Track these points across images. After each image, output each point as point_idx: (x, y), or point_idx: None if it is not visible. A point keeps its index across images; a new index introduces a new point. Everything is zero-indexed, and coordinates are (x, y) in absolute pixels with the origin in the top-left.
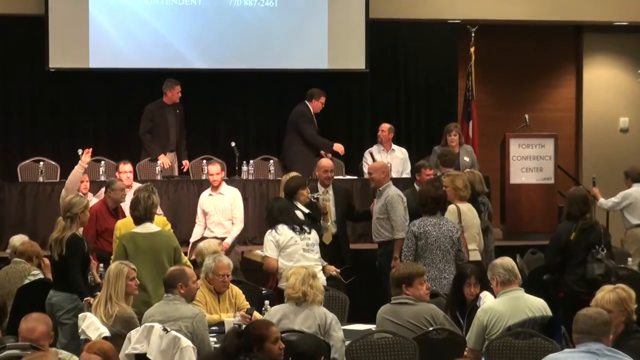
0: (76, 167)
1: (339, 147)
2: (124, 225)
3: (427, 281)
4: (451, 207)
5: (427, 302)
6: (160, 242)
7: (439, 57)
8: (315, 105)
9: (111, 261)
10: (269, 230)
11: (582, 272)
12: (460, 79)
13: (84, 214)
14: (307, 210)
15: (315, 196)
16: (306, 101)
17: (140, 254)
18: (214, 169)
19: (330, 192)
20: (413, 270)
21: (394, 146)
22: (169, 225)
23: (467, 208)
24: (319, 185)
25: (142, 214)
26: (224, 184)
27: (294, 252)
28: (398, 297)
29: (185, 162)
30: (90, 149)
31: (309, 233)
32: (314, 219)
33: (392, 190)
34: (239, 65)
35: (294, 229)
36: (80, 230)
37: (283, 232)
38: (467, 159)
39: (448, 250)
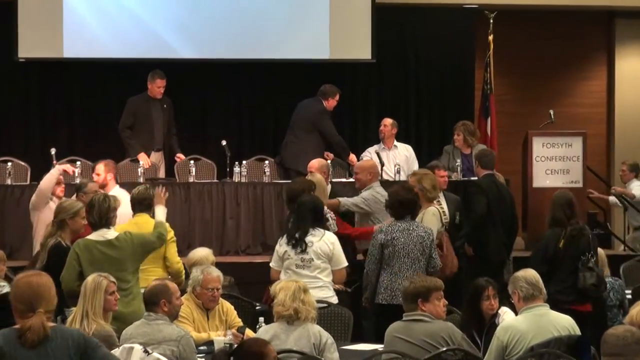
0: (52, 170)
1: (353, 157)
2: (122, 230)
3: (392, 292)
4: (433, 210)
5: (444, 320)
6: (118, 250)
7: (453, 46)
8: (331, 103)
9: (62, 273)
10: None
11: (572, 282)
12: (477, 71)
13: (74, 220)
14: None
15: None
16: (320, 98)
17: (95, 265)
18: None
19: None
20: (431, 284)
21: (396, 143)
22: (172, 233)
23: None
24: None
25: (96, 220)
26: (117, 187)
27: (287, 266)
28: (412, 314)
29: (180, 156)
30: (71, 168)
31: (309, 246)
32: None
33: (370, 191)
34: (231, 55)
35: (288, 241)
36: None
37: (282, 244)
38: None
39: (417, 257)
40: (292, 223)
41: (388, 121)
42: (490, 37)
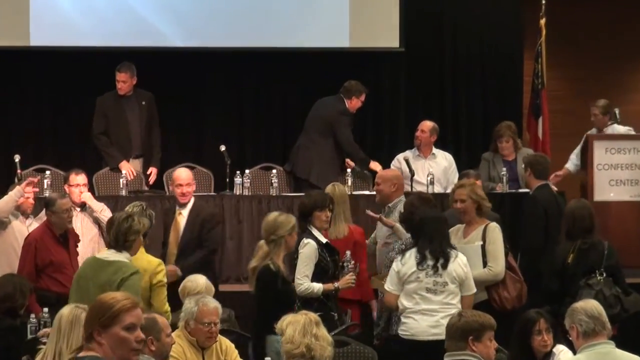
0: (11, 193)
1: (376, 166)
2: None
3: None
4: (495, 225)
5: None
6: (107, 274)
7: (498, 32)
8: (355, 103)
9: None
10: (397, 256)
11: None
12: (526, 62)
13: (292, 236)
14: (324, 240)
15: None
16: (342, 96)
17: (80, 282)
18: None
19: (185, 212)
20: (485, 321)
21: (434, 150)
22: (162, 274)
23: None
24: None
25: (112, 240)
26: None
27: (414, 290)
28: (461, 353)
29: (152, 170)
30: (35, 180)
31: (444, 268)
32: (334, 252)
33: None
34: (231, 42)
35: (420, 261)
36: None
37: (407, 262)
38: None
39: None
40: (422, 239)
41: (427, 126)
42: (542, 22)
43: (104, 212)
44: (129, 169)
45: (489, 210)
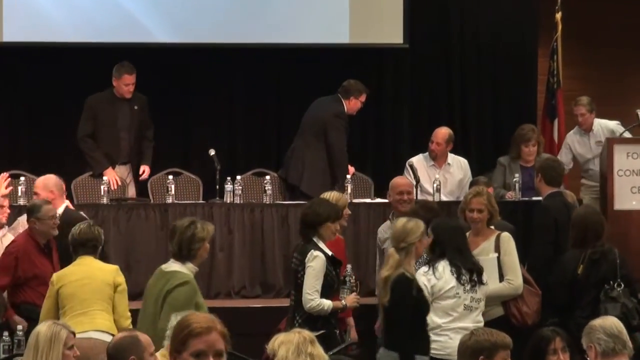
0: None
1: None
2: (59, 278)
3: None
4: (508, 235)
5: None
6: (160, 285)
7: (509, 27)
8: (354, 104)
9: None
10: (425, 268)
11: (589, 313)
12: (540, 59)
13: (422, 242)
14: (330, 252)
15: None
16: (340, 96)
17: (145, 296)
18: None
19: None
20: (498, 339)
21: (449, 159)
22: (122, 278)
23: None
24: None
25: (176, 250)
26: None
27: (452, 307)
28: None
29: (145, 168)
30: (7, 176)
31: (482, 284)
32: (338, 265)
33: None
34: (221, 38)
35: (459, 275)
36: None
37: (443, 276)
38: None
39: None
40: (450, 250)
41: (442, 137)
42: (558, 16)
43: None
44: (112, 177)
45: (497, 221)
